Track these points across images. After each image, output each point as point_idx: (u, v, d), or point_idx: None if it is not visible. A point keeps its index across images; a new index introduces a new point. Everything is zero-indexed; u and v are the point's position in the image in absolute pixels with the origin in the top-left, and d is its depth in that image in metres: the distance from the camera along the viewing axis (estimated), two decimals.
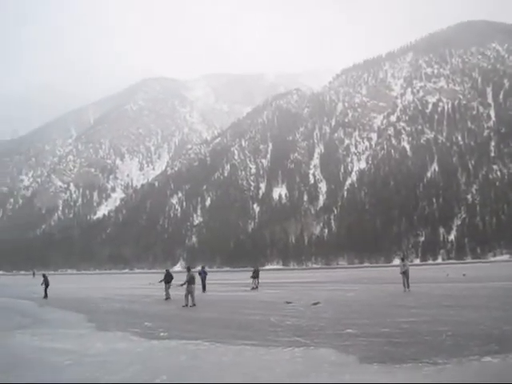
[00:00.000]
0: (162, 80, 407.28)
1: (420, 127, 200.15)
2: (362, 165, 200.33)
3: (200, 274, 35.97)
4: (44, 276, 35.63)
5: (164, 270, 29.80)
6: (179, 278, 28.49)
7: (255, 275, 39.06)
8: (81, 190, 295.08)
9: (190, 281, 22.24)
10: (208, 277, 37.24)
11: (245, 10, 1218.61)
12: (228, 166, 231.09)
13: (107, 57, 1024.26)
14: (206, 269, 40.02)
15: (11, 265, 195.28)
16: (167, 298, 27.56)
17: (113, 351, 11.68)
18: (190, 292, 22.18)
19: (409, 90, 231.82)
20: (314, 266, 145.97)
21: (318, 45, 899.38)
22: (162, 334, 14.15)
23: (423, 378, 8.18)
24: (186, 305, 21.72)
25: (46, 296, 33.43)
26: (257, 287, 37.05)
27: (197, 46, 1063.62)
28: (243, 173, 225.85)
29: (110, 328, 15.87)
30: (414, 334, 12.47)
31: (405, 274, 27.83)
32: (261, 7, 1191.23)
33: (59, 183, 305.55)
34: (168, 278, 28.27)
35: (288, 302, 22.27)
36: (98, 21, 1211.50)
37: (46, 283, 34.72)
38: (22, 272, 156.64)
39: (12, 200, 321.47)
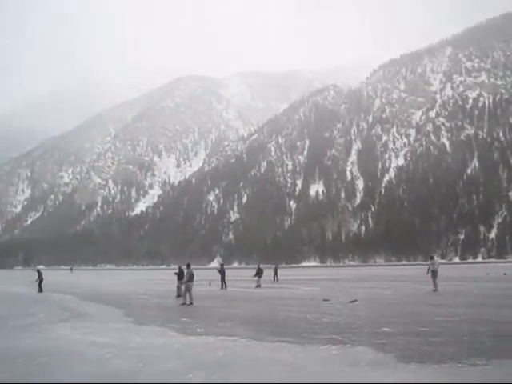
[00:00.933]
0: (198, 78, 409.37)
1: (460, 123, 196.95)
2: (400, 161, 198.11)
3: (219, 271, 35.71)
4: (38, 271, 36.29)
5: (178, 267, 28.26)
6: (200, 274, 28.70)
7: (259, 273, 37.91)
8: (119, 187, 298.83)
9: (190, 278, 21.95)
10: (245, 273, 37.11)
11: (279, 9, 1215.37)
12: (264, 163, 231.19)
13: (145, 55, 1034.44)
14: (225, 266, 39.33)
15: (52, 260, 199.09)
16: (178, 295, 26.21)
17: (151, 346, 11.80)
18: (188, 290, 21.88)
19: (448, 84, 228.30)
20: (351, 263, 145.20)
21: (354, 40, 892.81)
22: (198, 329, 14.23)
23: (462, 378, 8.06)
24: (184, 303, 21.48)
25: (40, 290, 34.08)
26: (260, 285, 36.17)
27: (232, 43, 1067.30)
28: (280, 169, 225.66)
29: (147, 323, 16.03)
30: (453, 334, 12.29)
31: (433, 273, 26.72)
32: (296, 4, 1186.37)
33: (98, 180, 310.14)
34: (181, 275, 27.29)
35: (325, 300, 22.18)
36: (137, 20, 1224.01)
37: (41, 278, 35.20)
38: (62, 267, 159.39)
39: (52, 196, 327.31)
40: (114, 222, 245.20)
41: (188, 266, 22.87)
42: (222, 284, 34.06)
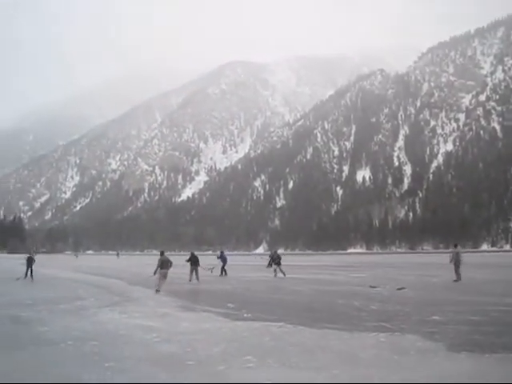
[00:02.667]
0: (244, 64, 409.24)
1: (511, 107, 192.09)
2: (449, 147, 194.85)
3: (219, 257, 34.36)
4: (29, 258, 33.09)
5: (191, 253, 28.59)
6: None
7: (277, 261, 32.82)
8: (166, 173, 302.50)
9: (162, 265, 21.86)
10: (292, 258, 36.53)
11: None
12: (311, 149, 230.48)
13: (190, 42, 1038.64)
14: (226, 253, 37.47)
15: (100, 245, 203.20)
16: (191, 280, 27.25)
17: (199, 330, 11.87)
18: (164, 277, 21.82)
19: (499, 67, 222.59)
20: (398, 250, 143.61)
21: (401, 23, 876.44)
22: (245, 315, 14.25)
23: None
24: (158, 290, 21.37)
25: (26, 276, 31.62)
26: (275, 274, 31.84)
27: (277, 28, 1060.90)
28: (326, 155, 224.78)
29: (195, 308, 16.16)
30: (505, 324, 12.00)
31: (456, 262, 25.07)
32: None
33: (145, 166, 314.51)
34: (194, 260, 27.76)
35: (372, 287, 21.94)
36: (184, 7, 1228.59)
37: (30, 264, 32.49)
38: (110, 252, 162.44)
39: (100, 183, 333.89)
40: (161, 208, 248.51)
41: (161, 253, 22.71)
42: (221, 271, 32.83)
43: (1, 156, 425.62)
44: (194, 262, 27.69)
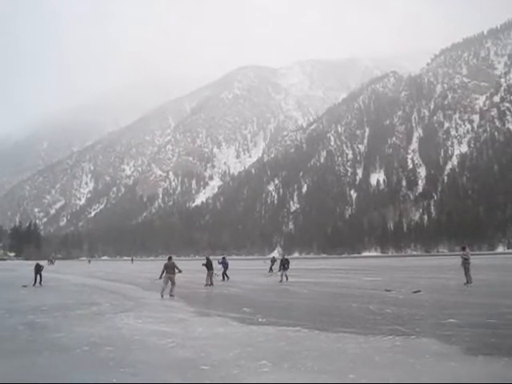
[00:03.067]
0: (256, 68, 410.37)
1: None
2: (464, 148, 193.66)
3: (220, 263, 33.29)
4: (37, 265, 31.63)
5: (206, 258, 29.20)
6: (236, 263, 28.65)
7: (285, 266, 30.89)
8: (180, 178, 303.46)
9: (167, 270, 21.94)
10: (307, 262, 36.36)
11: None
12: (324, 152, 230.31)
13: (202, 48, 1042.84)
14: (227, 259, 35.95)
15: (114, 251, 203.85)
16: (207, 284, 27.40)
17: (213, 335, 11.86)
18: (167, 281, 21.85)
19: None
20: (413, 253, 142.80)
21: (412, 25, 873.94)
22: (260, 319, 14.23)
23: None
24: (162, 295, 21.45)
25: (35, 283, 30.37)
26: (281, 280, 29.95)
27: (289, 32, 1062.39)
28: (340, 159, 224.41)
29: (209, 313, 16.17)
30: None
31: (466, 265, 24.57)
32: None
33: (159, 172, 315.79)
34: (209, 265, 28.07)
35: (387, 290, 21.84)
36: (196, 14, 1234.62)
37: (38, 271, 31.05)
38: (125, 258, 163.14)
39: (115, 189, 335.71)
40: (175, 213, 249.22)
41: (169, 258, 22.86)
42: (223, 276, 32.29)
43: (16, 163, 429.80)
44: (209, 266, 27.94)
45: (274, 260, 41.48)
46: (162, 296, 21.21)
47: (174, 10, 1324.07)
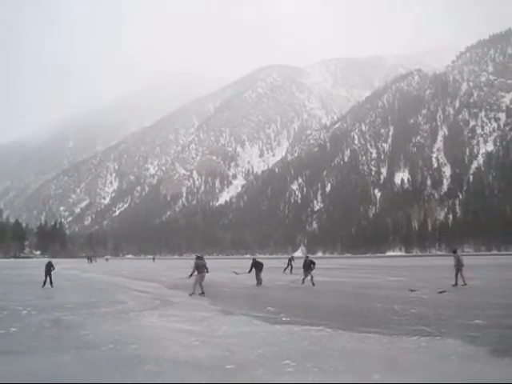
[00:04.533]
0: (279, 67, 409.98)
1: None
2: (490, 147, 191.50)
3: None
4: (48, 264, 28.63)
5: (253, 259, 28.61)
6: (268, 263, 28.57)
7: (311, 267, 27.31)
8: (203, 178, 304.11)
9: (198, 269, 21.72)
10: (330, 261, 35.86)
11: None
12: (348, 151, 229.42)
13: (225, 47, 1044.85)
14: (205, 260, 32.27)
15: (139, 249, 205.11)
16: (258, 283, 26.93)
17: (238, 334, 11.88)
18: (199, 279, 21.62)
19: None
20: (438, 253, 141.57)
21: (437, 22, 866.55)
22: (284, 319, 14.23)
23: None
24: (193, 293, 21.24)
25: (44, 284, 27.41)
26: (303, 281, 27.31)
27: (312, 31, 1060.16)
28: (364, 157, 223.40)
29: (233, 311, 16.18)
30: None
31: (458, 267, 24.28)
32: None
33: (183, 171, 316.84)
34: (258, 266, 27.49)
35: (412, 290, 21.68)
36: (220, 14, 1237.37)
37: (49, 272, 28.10)
38: (149, 256, 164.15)
39: (139, 188, 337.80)
40: (199, 212, 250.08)
41: (198, 257, 22.59)
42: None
43: (42, 162, 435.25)
44: (258, 267, 27.39)
45: (291, 259, 40.60)
46: (192, 294, 21.16)
47: (198, 10, 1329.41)
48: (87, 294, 24.05)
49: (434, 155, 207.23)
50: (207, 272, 22.19)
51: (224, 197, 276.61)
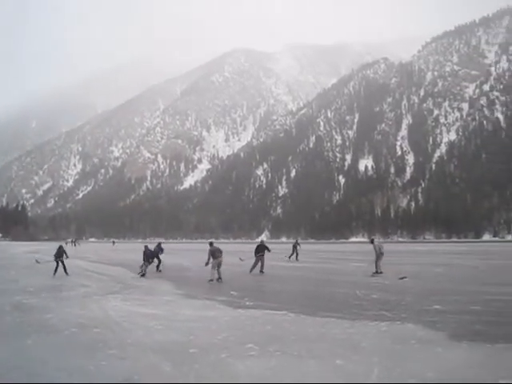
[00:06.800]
0: (247, 52, 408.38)
1: None
2: (452, 136, 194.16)
3: (153, 250, 27.49)
4: (60, 248, 26.34)
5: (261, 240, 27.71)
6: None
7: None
8: (168, 161, 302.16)
9: (214, 255, 21.46)
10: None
11: None
12: (313, 138, 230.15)
13: (194, 30, 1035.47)
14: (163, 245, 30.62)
15: (102, 233, 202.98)
16: (261, 270, 25.07)
17: (201, 318, 11.91)
18: (216, 265, 21.41)
19: (504, 57, 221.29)
20: (400, 239, 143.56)
21: (404, 12, 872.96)
22: (247, 303, 14.30)
23: None
24: (212, 279, 20.98)
25: (56, 272, 24.90)
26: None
27: (281, 17, 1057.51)
28: (329, 144, 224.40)
29: (197, 296, 16.18)
30: (507, 314, 12.00)
31: (378, 257, 24.28)
32: None
33: (147, 154, 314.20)
34: (261, 250, 26.27)
35: (374, 276, 22.01)
36: None
37: (59, 256, 25.79)
38: (113, 240, 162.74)
39: (103, 170, 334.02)
40: (163, 196, 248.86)
41: (211, 243, 22.09)
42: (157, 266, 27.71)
43: (4, 143, 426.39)
44: (261, 251, 25.98)
45: (297, 244, 39.40)
46: (211, 280, 20.78)
47: None
48: (51, 277, 23.79)
49: (398, 143, 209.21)
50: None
51: (189, 181, 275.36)
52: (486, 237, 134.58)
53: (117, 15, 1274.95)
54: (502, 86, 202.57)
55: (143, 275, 23.67)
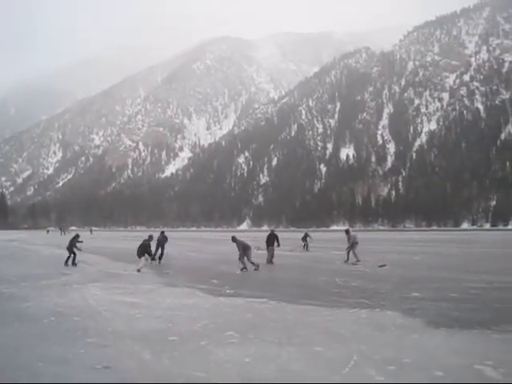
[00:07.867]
0: (229, 39, 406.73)
1: (495, 87, 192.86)
2: (433, 126, 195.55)
3: (157, 239, 25.48)
4: (75, 236, 25.39)
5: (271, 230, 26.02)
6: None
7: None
8: (149, 149, 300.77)
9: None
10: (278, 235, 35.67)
11: None
12: (295, 126, 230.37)
13: (175, 17, 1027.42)
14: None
15: (83, 221, 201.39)
16: (269, 262, 23.85)
17: (181, 306, 11.91)
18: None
19: (484, 47, 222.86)
20: (380, 227, 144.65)
21: (387, 1, 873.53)
22: (228, 291, 14.34)
23: (491, 345, 7.98)
24: (245, 267, 20.33)
25: (73, 263, 23.48)
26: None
27: (263, 4, 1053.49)
28: (310, 133, 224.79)
29: (178, 284, 16.18)
30: (484, 301, 12.15)
31: (352, 247, 24.02)
32: None
33: (129, 142, 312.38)
34: (271, 240, 24.59)
35: (354, 264, 22.17)
36: None
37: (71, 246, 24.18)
38: (94, 228, 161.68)
39: (83, 158, 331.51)
40: (144, 184, 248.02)
41: (234, 238, 21.00)
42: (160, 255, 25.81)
43: None
44: (271, 241, 24.61)
45: (307, 235, 39.36)
46: (244, 269, 20.16)
47: None
48: (30, 266, 23.64)
49: (379, 132, 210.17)
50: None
51: (170, 169, 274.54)
52: (465, 225, 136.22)
53: (98, 3, 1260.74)
54: (481, 77, 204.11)
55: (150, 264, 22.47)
